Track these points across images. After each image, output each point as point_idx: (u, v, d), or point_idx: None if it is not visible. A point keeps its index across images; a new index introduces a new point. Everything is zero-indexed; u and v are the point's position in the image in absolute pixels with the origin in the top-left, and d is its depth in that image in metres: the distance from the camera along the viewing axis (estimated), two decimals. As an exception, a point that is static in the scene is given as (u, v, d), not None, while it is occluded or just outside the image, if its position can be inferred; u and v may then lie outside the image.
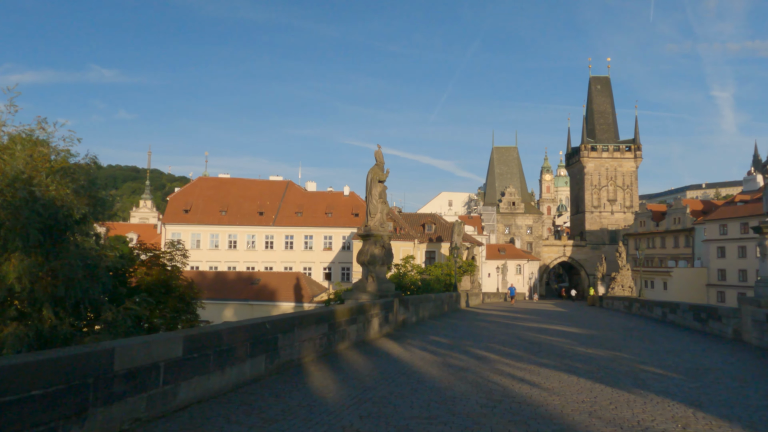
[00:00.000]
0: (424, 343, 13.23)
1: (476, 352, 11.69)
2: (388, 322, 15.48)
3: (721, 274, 57.40)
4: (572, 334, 16.45)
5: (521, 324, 20.29)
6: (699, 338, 15.73)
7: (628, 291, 41.07)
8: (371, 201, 16.90)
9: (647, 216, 77.72)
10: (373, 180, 16.87)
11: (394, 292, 16.97)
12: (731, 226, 56.54)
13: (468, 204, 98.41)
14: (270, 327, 8.47)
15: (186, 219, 64.16)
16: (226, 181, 71.18)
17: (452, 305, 28.14)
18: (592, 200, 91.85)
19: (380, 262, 16.63)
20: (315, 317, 10.29)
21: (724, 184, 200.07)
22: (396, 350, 11.88)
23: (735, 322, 15.07)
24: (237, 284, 46.83)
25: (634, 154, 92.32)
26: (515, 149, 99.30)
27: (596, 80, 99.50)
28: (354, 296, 16.34)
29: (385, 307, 15.30)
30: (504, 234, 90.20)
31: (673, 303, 21.88)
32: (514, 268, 76.12)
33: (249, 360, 7.81)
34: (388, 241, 16.96)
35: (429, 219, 61.42)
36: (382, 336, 14.33)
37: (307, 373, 8.81)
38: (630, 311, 30.76)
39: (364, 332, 13.24)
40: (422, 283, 31.28)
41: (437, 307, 23.56)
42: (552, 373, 9.19)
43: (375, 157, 17.25)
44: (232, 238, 64.92)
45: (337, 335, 11.36)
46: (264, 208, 66.93)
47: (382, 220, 17.04)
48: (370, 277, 16.66)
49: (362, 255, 16.79)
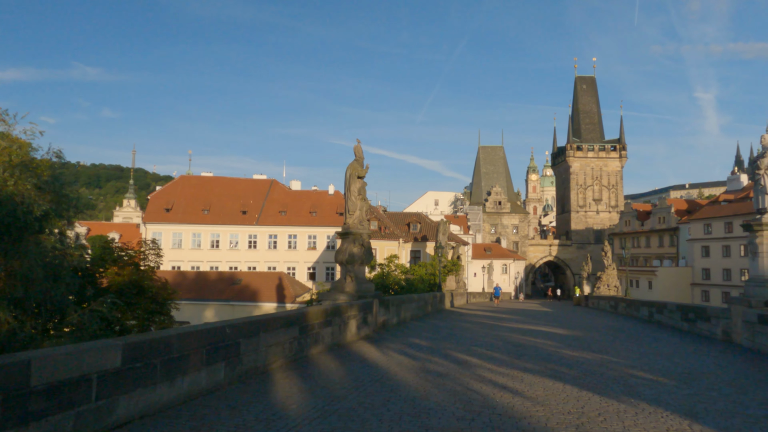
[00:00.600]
0: (404, 346, 12.59)
1: (457, 356, 11.07)
2: (367, 324, 14.82)
3: (705, 274, 57.51)
4: (558, 335, 15.91)
5: (506, 325, 19.74)
6: (688, 339, 15.27)
7: (614, 290, 40.80)
8: (350, 198, 16.22)
9: (632, 215, 77.89)
10: (352, 176, 16.20)
11: (374, 292, 16.33)
12: (715, 226, 56.67)
13: (454, 203, 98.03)
14: (231, 331, 7.77)
15: (167, 218, 62.92)
16: (209, 180, 69.99)
17: (436, 306, 27.55)
18: (577, 200, 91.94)
19: (359, 261, 15.96)
20: (284, 320, 9.60)
21: (707, 184, 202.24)
22: (373, 354, 11.22)
23: (724, 323, 14.62)
24: (218, 284, 45.85)
25: (620, 153, 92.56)
26: (501, 149, 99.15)
27: (582, 80, 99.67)
28: (332, 297, 15.65)
29: (364, 308, 14.65)
30: (490, 233, 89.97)
31: (660, 303, 21.47)
32: (500, 267, 75.85)
33: (205, 368, 7.10)
34: (367, 240, 16.30)
35: (414, 218, 60.81)
36: (360, 339, 13.67)
37: (273, 381, 8.12)
38: (616, 311, 30.40)
39: (340, 335, 12.57)
40: (406, 283, 30.66)
41: (420, 307, 22.95)
42: (536, 380, 8.59)
43: (354, 152, 16.58)
44: (215, 238, 63.78)
45: (310, 339, 10.68)
46: (247, 207, 65.87)
47: (361, 217, 16.37)
48: (348, 277, 15.99)
49: (341, 254, 16.12)
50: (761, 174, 13.73)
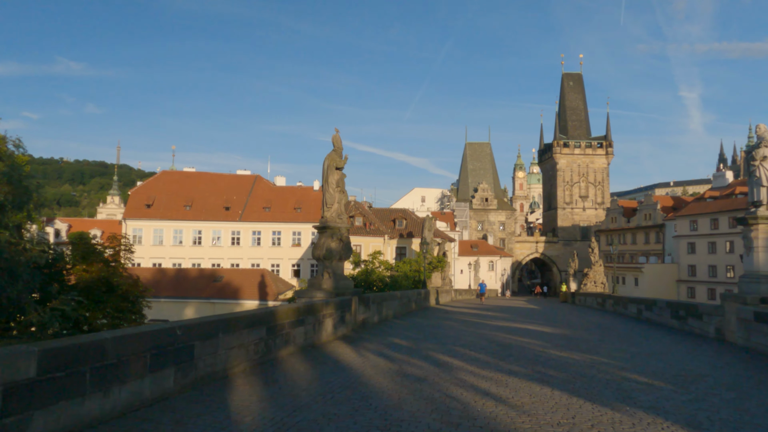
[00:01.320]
0: (382, 347, 11.84)
1: (438, 358, 10.33)
2: (345, 322, 14.05)
3: (691, 270, 57.46)
4: (545, 334, 15.25)
5: (491, 323, 19.06)
6: (679, 338, 14.68)
7: (601, 287, 40.40)
8: (328, 190, 15.42)
9: (618, 212, 77.85)
10: (330, 167, 15.39)
11: (353, 289, 15.55)
12: (701, 222, 56.61)
13: (441, 200, 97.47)
14: (182, 333, 6.95)
15: (148, 214, 61.63)
16: (191, 175, 68.70)
17: (420, 303, 26.85)
18: (564, 196, 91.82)
19: (337, 257, 15.18)
20: (248, 320, 8.79)
21: (692, 182, 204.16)
22: (348, 356, 10.45)
23: (717, 321, 14.04)
24: (199, 282, 44.77)
25: (606, 150, 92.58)
26: (488, 145, 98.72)
27: (569, 77, 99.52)
28: (308, 294, 14.85)
29: (342, 306, 13.88)
30: (477, 230, 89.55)
31: (649, 300, 20.94)
32: (487, 264, 75.40)
33: (149, 376, 6.28)
34: (346, 234, 15.52)
35: (400, 214, 60.05)
36: (336, 338, 12.89)
37: (232, 388, 7.32)
38: (603, 308, 29.91)
39: (315, 335, 11.79)
40: (390, 280, 29.89)
41: (403, 305, 22.21)
42: (522, 384, 7.87)
43: (332, 142, 15.78)
44: (197, 234, 62.59)
45: (279, 339, 9.89)
46: (230, 203, 64.76)
47: (339, 210, 15.58)
48: (326, 273, 15.19)
49: (318, 249, 15.32)
50: (756, 165, 13.13)
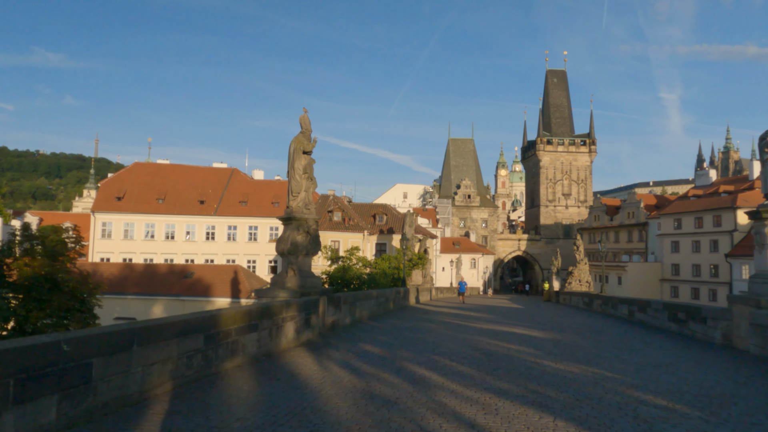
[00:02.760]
0: (351, 356, 10.22)
1: (414, 371, 8.74)
2: (310, 326, 12.40)
3: (675, 269, 56.77)
4: (534, 339, 13.76)
5: (475, 325, 17.55)
6: (681, 344, 13.29)
7: (586, 286, 39.27)
8: (294, 177, 13.73)
9: (601, 210, 77.20)
10: (296, 151, 13.71)
11: (322, 288, 13.90)
12: (685, 221, 55.92)
13: (423, 196, 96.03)
14: (71, 349, 5.24)
15: (118, 207, 59.08)
16: (165, 167, 66.16)
17: (399, 302, 25.29)
18: (547, 194, 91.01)
19: (304, 252, 13.51)
20: (179, 327, 7.10)
21: (671, 182, 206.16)
22: (308, 368, 8.82)
23: (724, 326, 12.67)
24: (168, 278, 42.62)
25: (589, 148, 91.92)
26: (471, 141, 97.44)
27: (553, 73, 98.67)
28: (270, 294, 13.17)
29: (306, 307, 12.22)
30: (459, 227, 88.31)
31: (642, 300, 19.61)
32: (469, 262, 74.18)
33: (13, 410, 4.58)
34: (314, 226, 13.86)
35: (380, 210, 58.35)
36: (299, 345, 11.25)
37: (144, 418, 5.64)
38: (590, 308, 28.64)
39: (271, 342, 10.13)
40: (368, 278, 28.27)
41: (380, 305, 20.61)
42: (516, 410, 6.31)
43: (300, 123, 14.09)
44: (170, 229, 60.18)
45: (223, 350, 8.21)
46: (205, 197, 62.45)
47: (307, 200, 13.90)
48: (290, 270, 13.52)
49: (282, 243, 13.64)
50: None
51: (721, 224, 51.29)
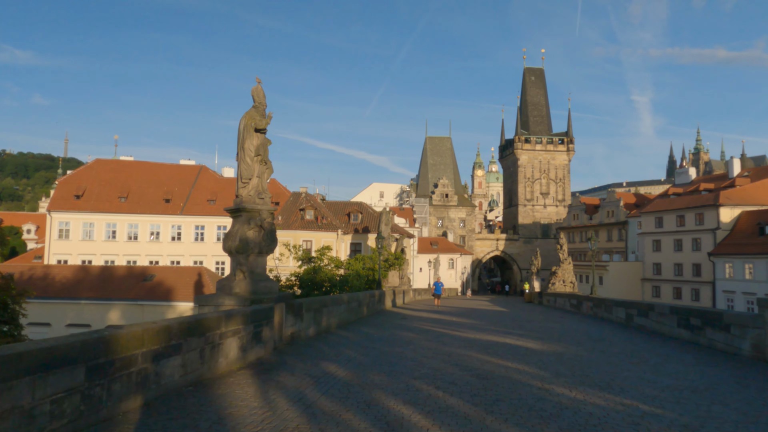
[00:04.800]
0: (307, 382, 7.95)
1: (388, 407, 6.51)
2: (261, 341, 10.07)
3: (656, 269, 55.63)
4: (532, 353, 11.64)
5: (459, 334, 15.40)
6: (703, 356, 11.33)
7: (570, 287, 37.57)
8: (244, 159, 11.40)
9: (581, 209, 76.12)
10: (247, 128, 11.38)
11: (278, 293, 11.58)
12: (667, 219, 54.80)
13: (400, 196, 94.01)
14: None
15: (77, 206, 55.59)
16: (128, 164, 62.73)
17: (374, 306, 23.05)
18: (525, 193, 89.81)
19: (256, 250, 11.20)
20: (36, 357, 4.74)
21: (644, 182, 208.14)
22: (246, 404, 6.52)
23: (755, 335, 10.74)
24: (127, 281, 39.64)
25: (567, 147, 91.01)
26: (449, 139, 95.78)
27: (530, 71, 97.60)
28: (214, 301, 10.83)
29: (257, 317, 9.90)
30: (437, 227, 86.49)
31: (644, 303, 17.70)
32: (447, 262, 72.29)
33: None
34: (269, 220, 11.54)
35: (355, 208, 55.93)
36: (244, 366, 8.93)
37: None
38: (579, 311, 26.79)
39: (204, 366, 7.80)
40: (340, 280, 25.98)
41: (351, 310, 18.34)
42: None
43: (252, 96, 11.78)
44: (133, 229, 56.92)
45: (119, 384, 5.87)
46: (171, 195, 59.32)
47: (260, 188, 11.58)
48: (239, 272, 11.18)
49: (229, 239, 11.31)
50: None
51: (703, 222, 50.23)
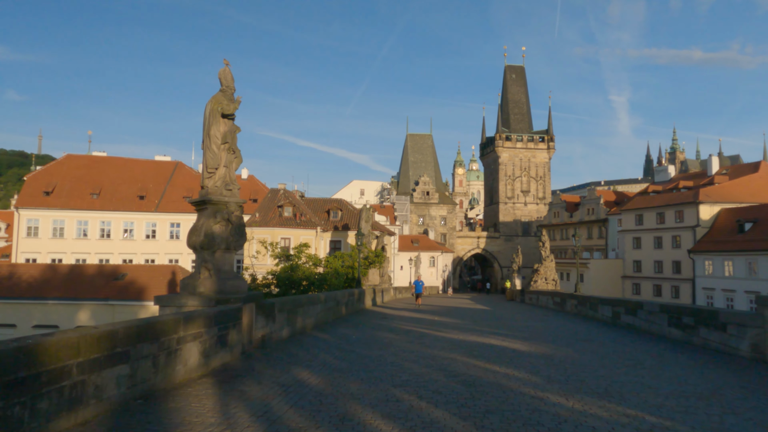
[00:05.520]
0: (275, 392, 7.11)
1: (366, 422, 5.71)
2: (227, 345, 9.19)
3: (636, 266, 55.72)
4: (520, 355, 10.94)
5: (442, 335, 14.66)
6: (699, 357, 10.74)
7: (552, 284, 37.19)
8: (210, 148, 10.49)
9: (561, 207, 76.18)
10: (214, 113, 10.47)
11: (248, 293, 10.70)
12: (647, 217, 54.89)
13: (381, 193, 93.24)
14: None
15: (47, 203, 53.74)
16: (100, 160, 60.90)
17: (353, 305, 22.23)
18: (506, 191, 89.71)
19: (223, 246, 10.30)
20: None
21: (621, 181, 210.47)
22: (201, 421, 5.66)
23: (754, 334, 10.17)
24: (97, 280, 38.19)
25: (548, 144, 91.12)
26: (430, 137, 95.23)
27: (511, 69, 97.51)
28: (177, 302, 9.92)
29: (222, 319, 9.02)
30: (418, 225, 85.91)
31: (631, 301, 17.16)
32: (428, 260, 71.76)
33: None
34: (237, 213, 10.65)
35: (335, 205, 54.97)
36: (207, 374, 8.06)
37: None
38: (563, 309, 26.30)
39: (158, 375, 6.92)
40: (318, 278, 25.10)
41: (329, 310, 17.49)
42: None
43: (219, 79, 10.86)
44: (106, 226, 55.23)
45: (48, 401, 4.98)
46: (146, 192, 57.76)
47: (228, 178, 10.69)
48: (204, 269, 10.28)
49: (194, 234, 10.40)
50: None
51: (683, 219, 50.35)
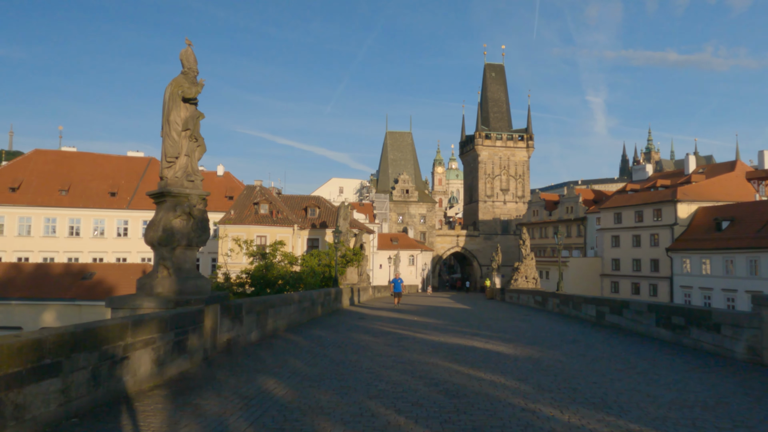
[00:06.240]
0: (235, 406, 6.28)
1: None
2: (186, 351, 8.32)
3: (615, 264, 55.82)
4: (506, 359, 10.26)
5: (421, 336, 13.93)
6: (693, 360, 10.19)
7: (533, 283, 36.81)
8: (170, 135, 9.61)
9: (540, 205, 76.24)
10: (174, 97, 9.58)
11: (212, 293, 9.83)
12: (625, 215, 55.01)
13: (360, 191, 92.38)
14: None
15: (12, 199, 51.77)
16: (70, 155, 58.96)
17: (329, 305, 21.41)
18: (485, 189, 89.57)
19: (184, 242, 9.44)
20: None
21: (598, 181, 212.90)
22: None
23: (751, 335, 9.65)
24: (64, 279, 36.73)
25: (527, 143, 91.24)
26: (410, 135, 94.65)
27: (491, 67, 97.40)
28: (131, 303, 9.00)
29: (180, 323, 8.15)
30: (397, 223, 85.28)
31: (617, 300, 16.65)
32: (407, 258, 71.17)
33: None
34: (200, 206, 9.80)
35: (313, 202, 53.96)
36: (161, 384, 7.19)
37: None
38: (545, 308, 25.84)
39: (98, 389, 6.04)
40: (293, 277, 24.21)
41: (303, 310, 16.66)
42: None
43: (181, 61, 9.98)
44: (75, 224, 53.46)
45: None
46: (118, 188, 56.09)
47: (189, 169, 9.83)
48: (163, 268, 9.40)
49: (152, 229, 9.53)
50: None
51: (661, 218, 50.51)
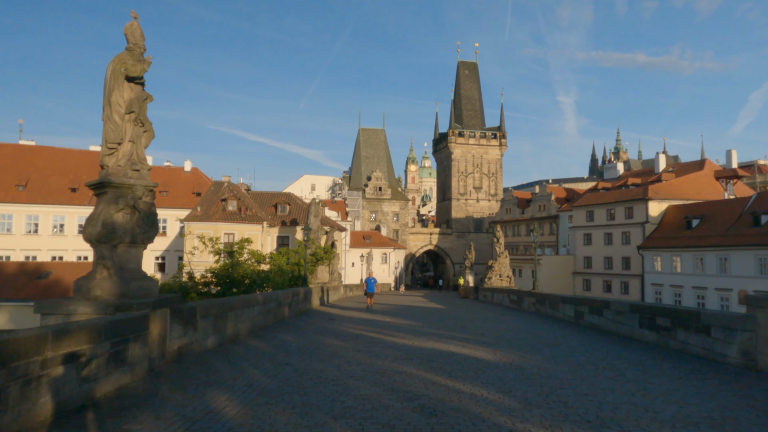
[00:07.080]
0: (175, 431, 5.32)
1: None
2: (125, 363, 7.28)
3: (587, 262, 55.99)
4: (486, 366, 9.46)
5: (394, 340, 13.08)
6: (684, 365, 9.56)
7: (507, 281, 36.35)
8: (111, 117, 8.50)
9: (513, 203, 76.30)
10: (116, 75, 8.48)
11: (160, 295, 8.78)
12: (597, 213, 55.18)
13: (332, 188, 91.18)
14: None
15: (-35, 195, 49.32)
16: (28, 149, 56.43)
17: (298, 306, 20.41)
18: (458, 187, 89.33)
19: (127, 239, 8.36)
20: None
21: (568, 180, 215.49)
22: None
23: (744, 339, 9.05)
24: (18, 278, 34.86)
25: (500, 141, 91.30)
26: (383, 132, 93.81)
27: (464, 65, 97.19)
28: (63, 309, 7.91)
29: (117, 331, 7.10)
30: (370, 221, 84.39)
31: (596, 300, 16.07)
32: (380, 257, 70.32)
33: None
34: (146, 199, 8.72)
35: (283, 199, 52.63)
36: (91, 404, 6.16)
37: None
38: (520, 307, 25.28)
39: (10, 413, 5.00)
40: (260, 276, 23.09)
41: (268, 312, 15.63)
42: None
43: (125, 36, 8.87)
44: (33, 220, 51.14)
45: None
46: (78, 184, 53.80)
47: (135, 156, 8.73)
48: (103, 267, 8.31)
49: (90, 224, 8.40)
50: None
51: (633, 216, 50.76)
